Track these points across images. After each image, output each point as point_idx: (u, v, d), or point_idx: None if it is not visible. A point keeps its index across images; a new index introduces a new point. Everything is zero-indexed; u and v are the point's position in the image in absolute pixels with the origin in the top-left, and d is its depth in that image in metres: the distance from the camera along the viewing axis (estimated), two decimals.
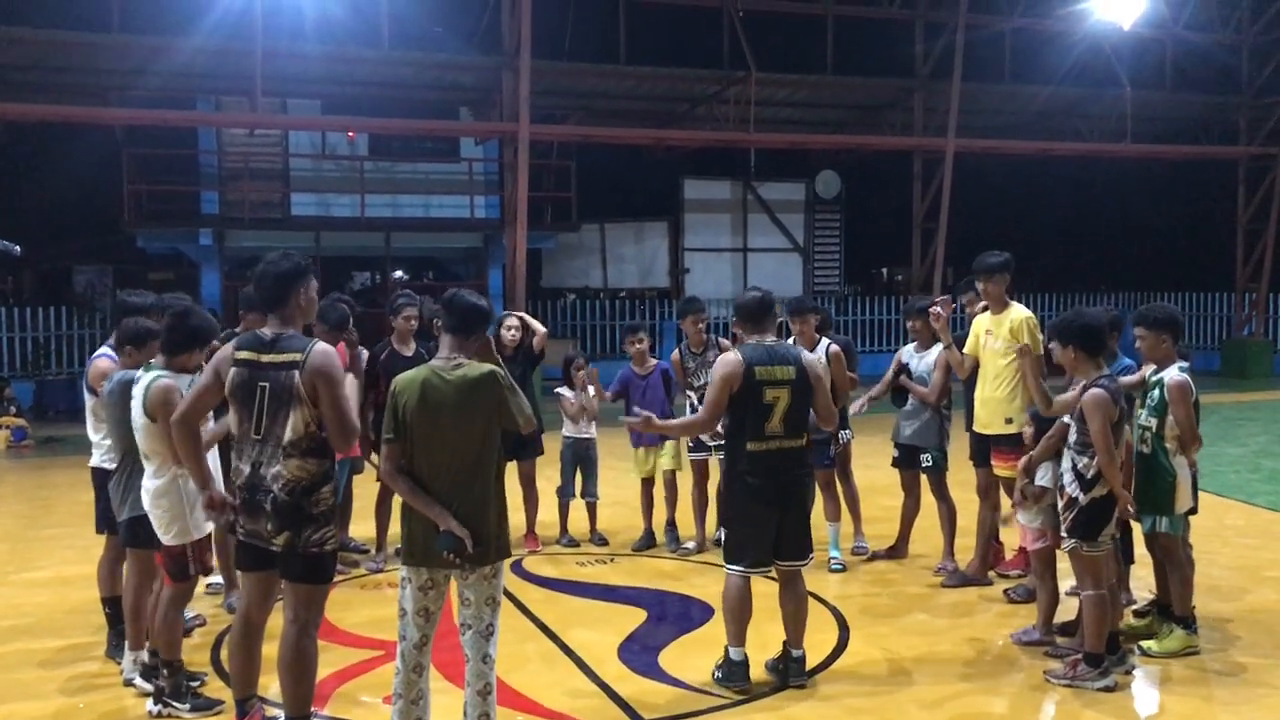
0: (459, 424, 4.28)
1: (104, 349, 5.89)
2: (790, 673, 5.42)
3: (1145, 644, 5.83)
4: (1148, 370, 5.96)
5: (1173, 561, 5.83)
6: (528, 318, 8.30)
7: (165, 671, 5.07)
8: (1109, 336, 6.01)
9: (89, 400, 5.88)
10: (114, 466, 5.42)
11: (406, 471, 4.33)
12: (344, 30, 17.91)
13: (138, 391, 5.08)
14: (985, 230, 24.61)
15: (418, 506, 4.31)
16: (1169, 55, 22.77)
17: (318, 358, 4.31)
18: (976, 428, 7.01)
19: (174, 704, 5.04)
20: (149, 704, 5.09)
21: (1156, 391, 5.78)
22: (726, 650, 5.40)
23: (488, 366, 4.38)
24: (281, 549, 4.33)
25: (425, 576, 4.33)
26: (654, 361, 8.27)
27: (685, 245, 24.48)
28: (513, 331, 8.06)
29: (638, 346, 8.23)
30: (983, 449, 6.99)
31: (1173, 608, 5.85)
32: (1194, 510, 5.92)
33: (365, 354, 7.60)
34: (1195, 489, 5.87)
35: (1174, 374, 5.72)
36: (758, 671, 5.44)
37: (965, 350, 7.15)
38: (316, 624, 4.47)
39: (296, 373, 4.28)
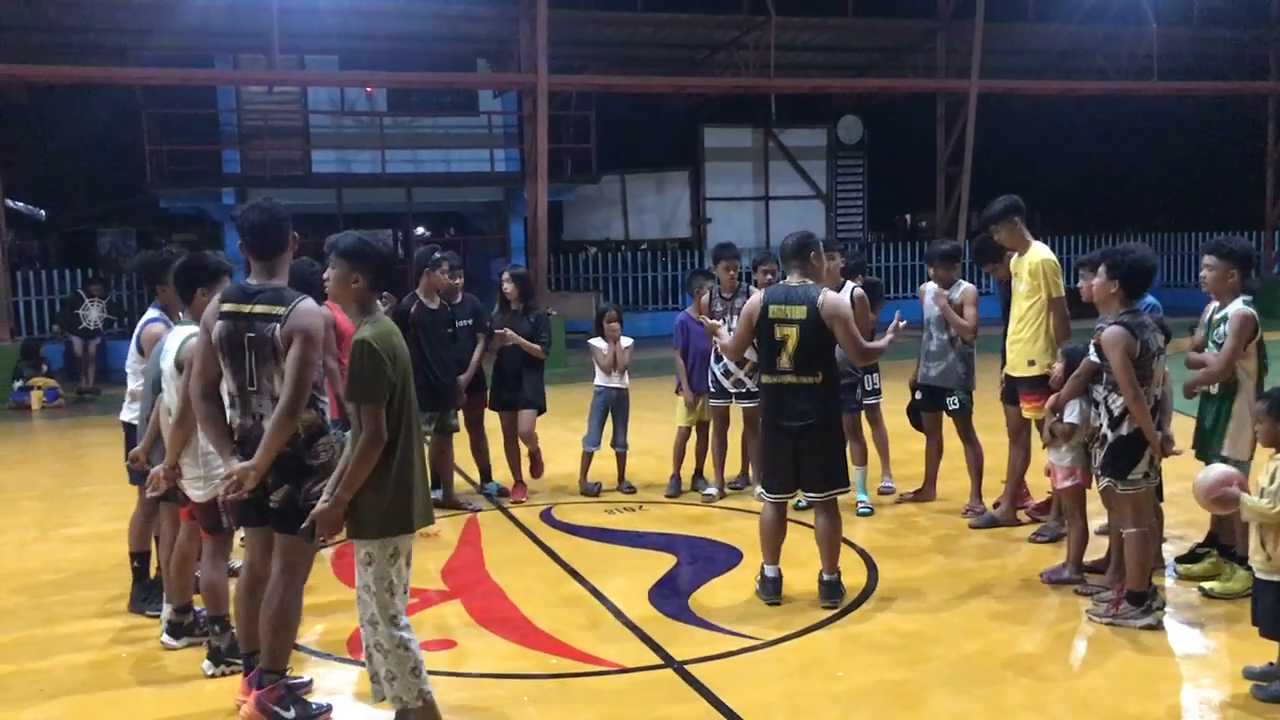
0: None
1: (152, 312, 5.79)
2: (820, 594, 5.77)
3: (1208, 584, 5.76)
4: (1210, 308, 5.82)
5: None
6: (520, 341, 8.09)
7: (217, 629, 4.96)
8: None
9: (135, 360, 5.77)
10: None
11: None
12: None
13: (171, 345, 5.02)
14: (1010, 173, 24.19)
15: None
16: None
17: (299, 315, 4.21)
18: (1007, 369, 7.00)
19: (233, 661, 4.86)
20: (205, 665, 4.97)
21: (1223, 328, 5.63)
22: (762, 568, 5.87)
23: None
24: (279, 505, 4.28)
25: (409, 545, 4.17)
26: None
27: (706, 195, 24.30)
28: (509, 285, 8.28)
29: (708, 296, 8.10)
30: (1013, 389, 6.97)
31: (1234, 548, 5.75)
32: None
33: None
34: None
35: (1238, 306, 5.61)
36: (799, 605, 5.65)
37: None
38: (304, 577, 4.44)
39: (277, 326, 4.21)
